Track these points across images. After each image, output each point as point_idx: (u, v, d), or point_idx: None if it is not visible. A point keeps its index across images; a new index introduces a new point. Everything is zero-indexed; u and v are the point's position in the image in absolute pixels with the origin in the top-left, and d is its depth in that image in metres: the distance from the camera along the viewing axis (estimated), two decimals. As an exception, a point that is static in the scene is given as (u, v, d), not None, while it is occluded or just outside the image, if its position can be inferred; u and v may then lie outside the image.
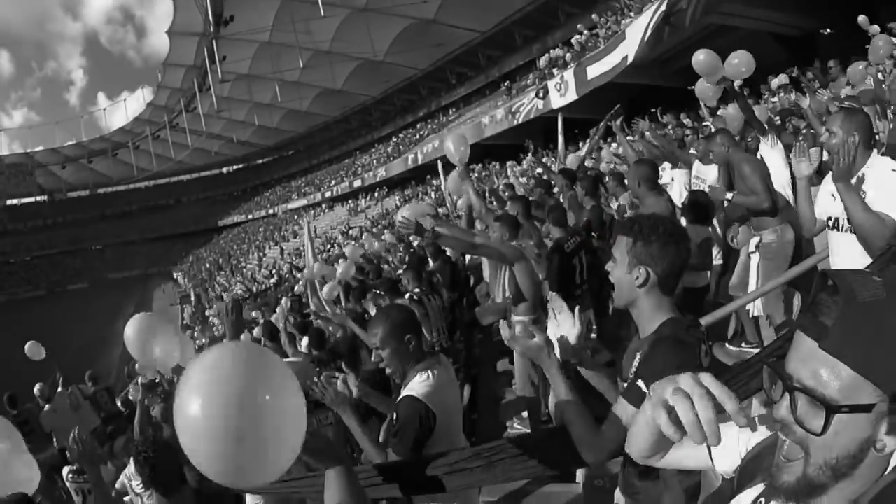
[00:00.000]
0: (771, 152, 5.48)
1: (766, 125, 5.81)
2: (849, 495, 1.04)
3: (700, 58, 5.79)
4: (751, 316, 5.34)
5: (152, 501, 3.10)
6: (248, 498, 4.32)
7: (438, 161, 7.99)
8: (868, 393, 0.96)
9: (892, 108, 6.59)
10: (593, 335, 5.70)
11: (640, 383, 1.94)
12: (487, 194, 9.50)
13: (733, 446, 1.33)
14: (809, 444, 1.03)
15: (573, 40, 26.17)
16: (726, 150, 5.18)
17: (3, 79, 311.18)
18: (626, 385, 2.08)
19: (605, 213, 6.65)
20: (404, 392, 2.83)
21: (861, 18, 8.63)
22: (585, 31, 25.63)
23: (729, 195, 4.99)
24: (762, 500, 1.19)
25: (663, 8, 17.26)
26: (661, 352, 2.00)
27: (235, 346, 1.65)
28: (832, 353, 0.97)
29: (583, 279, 5.10)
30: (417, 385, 2.80)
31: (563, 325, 2.27)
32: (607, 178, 7.84)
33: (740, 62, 5.82)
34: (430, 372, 2.83)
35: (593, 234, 6.01)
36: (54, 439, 8.24)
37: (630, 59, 19.76)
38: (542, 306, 4.87)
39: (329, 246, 36.54)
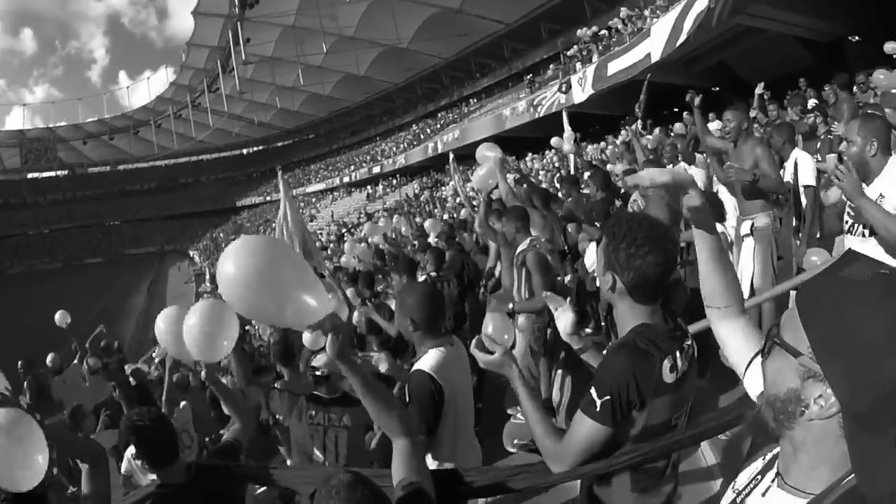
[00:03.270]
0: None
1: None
2: (807, 469, 1.08)
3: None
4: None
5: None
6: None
7: (450, 153, 8.02)
8: (805, 346, 1.02)
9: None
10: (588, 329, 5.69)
11: (593, 391, 1.92)
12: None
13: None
14: (763, 369, 1.14)
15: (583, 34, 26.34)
16: (741, 128, 5.21)
17: (25, 56, 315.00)
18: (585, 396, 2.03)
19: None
20: (415, 366, 2.93)
21: (888, 46, 8.47)
22: (614, 24, 25.69)
23: (748, 176, 4.95)
24: (759, 476, 1.24)
25: (699, 7, 17.09)
26: (613, 360, 1.98)
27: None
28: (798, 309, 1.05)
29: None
30: (427, 359, 2.91)
31: (561, 317, 2.41)
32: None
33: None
34: (440, 349, 2.93)
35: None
36: (63, 408, 8.38)
37: (655, 58, 19.64)
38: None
39: (345, 231, 36.68)
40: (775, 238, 5.25)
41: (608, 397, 1.89)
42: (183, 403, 5.51)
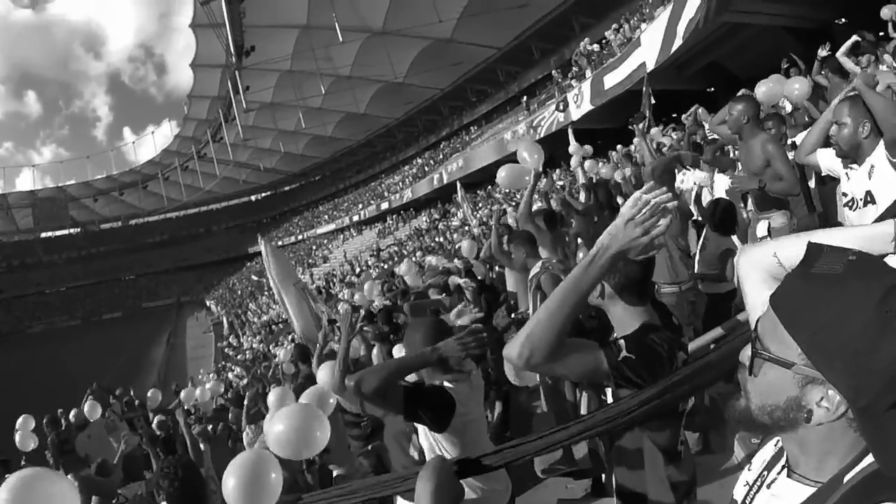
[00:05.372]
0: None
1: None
2: (815, 461, 1.08)
3: None
4: None
5: None
6: None
7: (457, 182, 8.03)
8: (795, 353, 1.00)
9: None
10: None
11: (623, 343, 1.94)
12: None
13: None
14: (748, 384, 1.09)
15: (582, 47, 26.50)
16: (744, 121, 4.60)
17: (31, 118, 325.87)
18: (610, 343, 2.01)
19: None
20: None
21: (885, 11, 8.43)
22: (596, 44, 26.00)
23: (755, 184, 4.54)
24: (765, 471, 1.24)
25: (691, 11, 17.26)
26: (648, 343, 1.99)
27: None
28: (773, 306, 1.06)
29: None
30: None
31: None
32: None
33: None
34: (450, 386, 2.86)
35: None
36: (90, 464, 8.42)
37: (650, 66, 19.71)
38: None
39: (360, 270, 36.90)
40: None
41: (633, 356, 1.90)
42: (203, 447, 5.53)
